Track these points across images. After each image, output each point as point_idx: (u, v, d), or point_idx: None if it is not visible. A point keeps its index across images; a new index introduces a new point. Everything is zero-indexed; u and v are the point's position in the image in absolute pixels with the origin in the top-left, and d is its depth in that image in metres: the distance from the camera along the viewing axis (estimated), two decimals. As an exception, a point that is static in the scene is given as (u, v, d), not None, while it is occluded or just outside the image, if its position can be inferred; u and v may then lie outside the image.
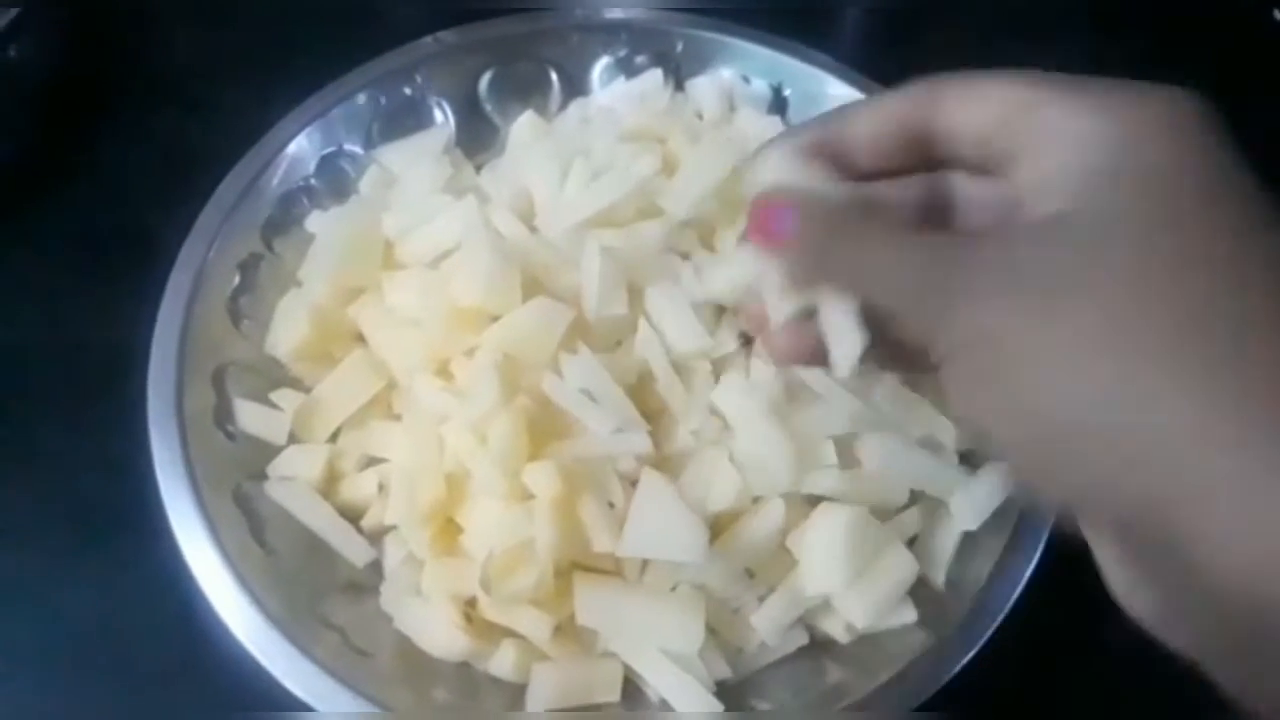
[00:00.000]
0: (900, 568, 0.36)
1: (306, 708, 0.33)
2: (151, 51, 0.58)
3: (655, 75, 0.48)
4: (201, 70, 0.57)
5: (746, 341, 0.40)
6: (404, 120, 0.47)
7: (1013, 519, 0.37)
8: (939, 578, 0.37)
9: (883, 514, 0.37)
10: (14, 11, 0.50)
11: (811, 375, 0.38)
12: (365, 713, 0.33)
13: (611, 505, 0.35)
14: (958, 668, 0.35)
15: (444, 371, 0.38)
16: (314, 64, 0.48)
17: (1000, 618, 0.36)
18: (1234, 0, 0.64)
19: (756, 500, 0.36)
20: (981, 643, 0.35)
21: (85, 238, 0.50)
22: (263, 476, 0.39)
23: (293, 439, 0.39)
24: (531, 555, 0.34)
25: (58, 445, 0.44)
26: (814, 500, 0.37)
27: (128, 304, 0.41)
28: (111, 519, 0.41)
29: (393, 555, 0.38)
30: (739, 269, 0.29)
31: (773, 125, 0.46)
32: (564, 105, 0.49)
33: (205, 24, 0.59)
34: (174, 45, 0.59)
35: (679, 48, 0.49)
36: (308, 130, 0.45)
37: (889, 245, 0.23)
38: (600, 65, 0.49)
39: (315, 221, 0.44)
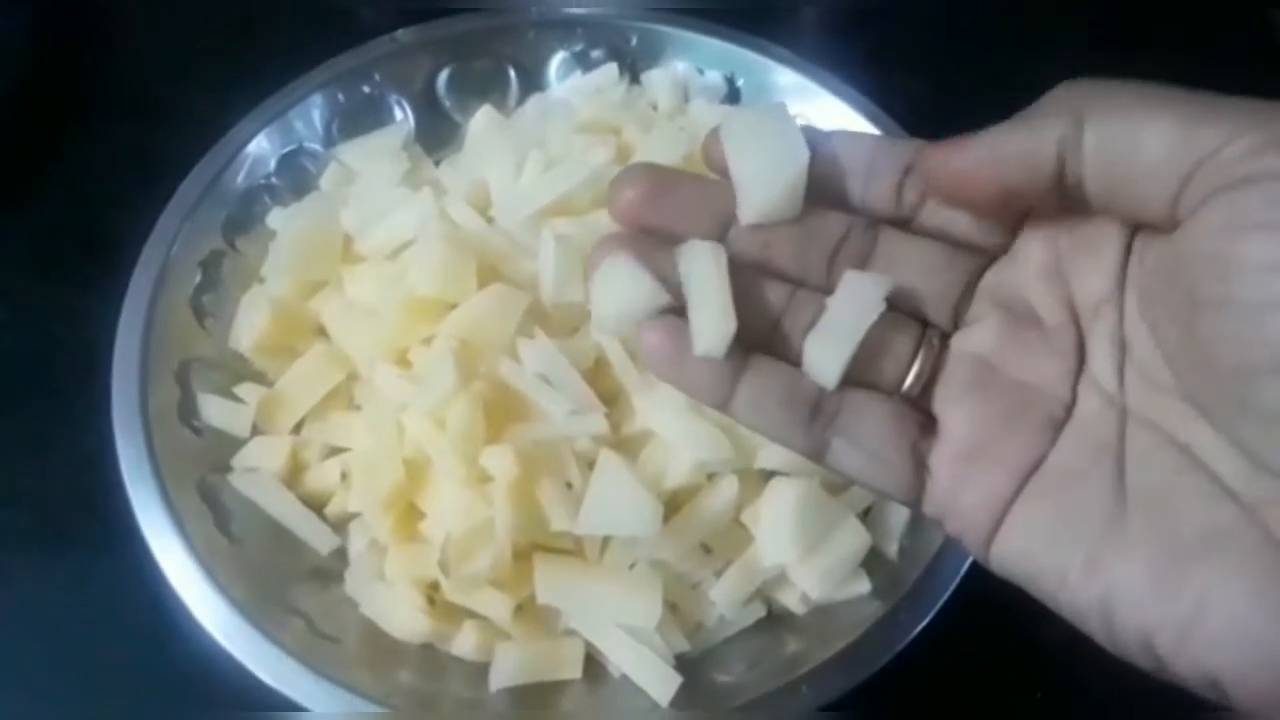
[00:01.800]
0: (853, 540, 0.36)
1: (276, 695, 0.33)
2: (116, 55, 0.59)
3: (610, 69, 0.49)
4: (165, 73, 0.57)
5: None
6: (363, 118, 0.48)
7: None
8: (892, 548, 0.38)
9: (835, 487, 0.38)
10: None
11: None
12: (357, 713, 0.33)
13: (569, 485, 0.36)
14: (911, 636, 0.35)
15: (403, 360, 0.39)
16: (277, 65, 0.49)
17: (953, 586, 0.36)
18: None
19: (711, 477, 0.37)
20: (935, 611, 0.36)
21: (51, 240, 0.51)
22: (227, 469, 0.39)
23: (256, 431, 0.40)
24: (490, 536, 0.34)
25: (27, 443, 0.44)
26: (768, 475, 0.37)
27: (94, 304, 0.41)
28: (81, 515, 0.41)
29: (357, 542, 0.39)
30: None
31: (725, 114, 0.47)
32: (522, 100, 0.50)
33: (169, 28, 0.59)
34: (138, 49, 0.59)
35: (634, 41, 0.50)
36: (268, 129, 0.46)
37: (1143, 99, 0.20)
38: (557, 60, 0.50)
39: (276, 218, 0.44)
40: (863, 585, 0.37)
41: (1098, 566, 0.20)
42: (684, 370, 0.24)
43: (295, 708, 0.33)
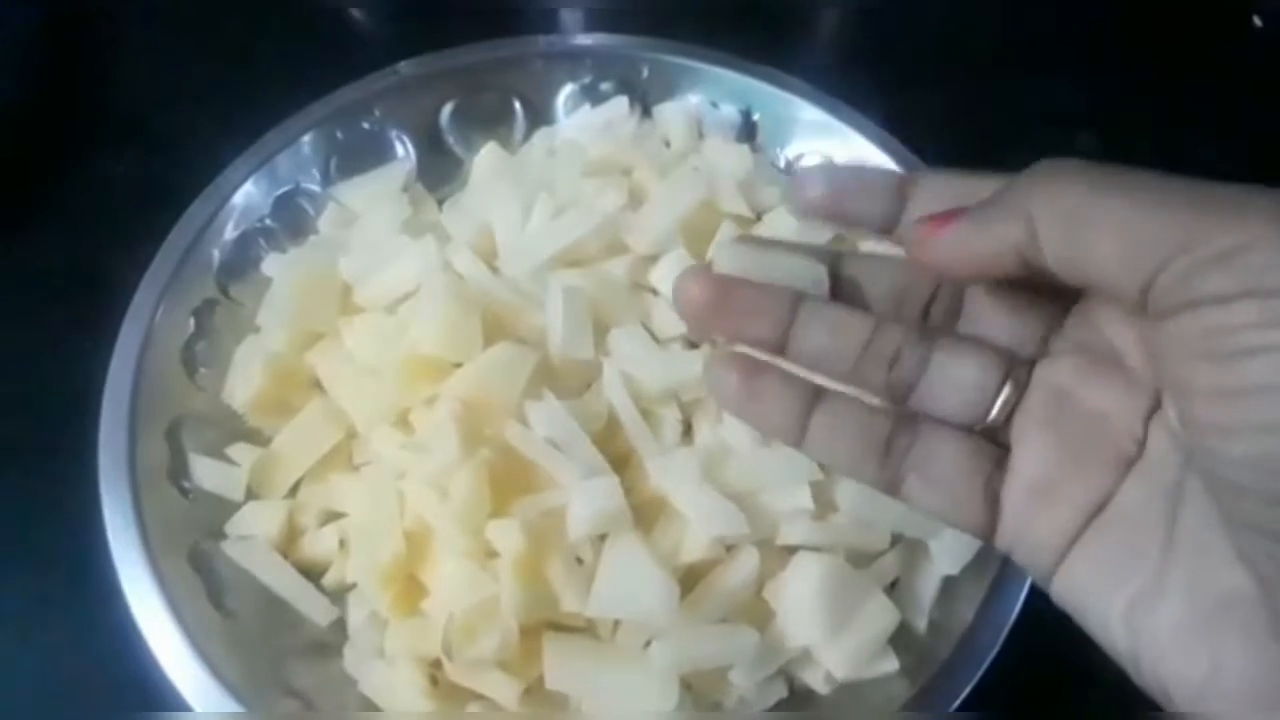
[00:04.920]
0: (881, 616, 0.34)
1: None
2: (112, 84, 0.57)
3: (620, 103, 0.47)
4: (163, 104, 0.55)
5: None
6: (363, 155, 0.46)
7: (998, 558, 0.36)
8: (921, 623, 0.36)
9: (862, 559, 0.36)
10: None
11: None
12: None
13: (580, 561, 0.34)
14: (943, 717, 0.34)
15: (404, 422, 0.37)
16: (277, 94, 0.46)
17: (986, 663, 0.34)
18: (1214, 6, 0.63)
19: (730, 550, 0.35)
20: (967, 690, 0.34)
21: (40, 281, 0.49)
22: (220, 535, 0.38)
23: (251, 494, 0.38)
24: (496, 616, 0.33)
25: (10, 499, 0.42)
26: (791, 547, 0.35)
27: (84, 346, 0.40)
28: (66, 579, 0.39)
29: (356, 613, 0.37)
30: None
31: (741, 153, 0.45)
32: (528, 135, 0.48)
33: (168, 56, 0.57)
34: (134, 79, 0.57)
35: (644, 74, 0.48)
36: (263, 169, 0.44)
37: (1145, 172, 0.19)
38: (564, 93, 0.48)
39: (272, 265, 0.42)
40: (890, 663, 0.35)
41: (1133, 617, 0.21)
42: (756, 407, 0.25)
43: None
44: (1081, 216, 0.19)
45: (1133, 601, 0.21)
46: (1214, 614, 0.20)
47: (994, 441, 0.24)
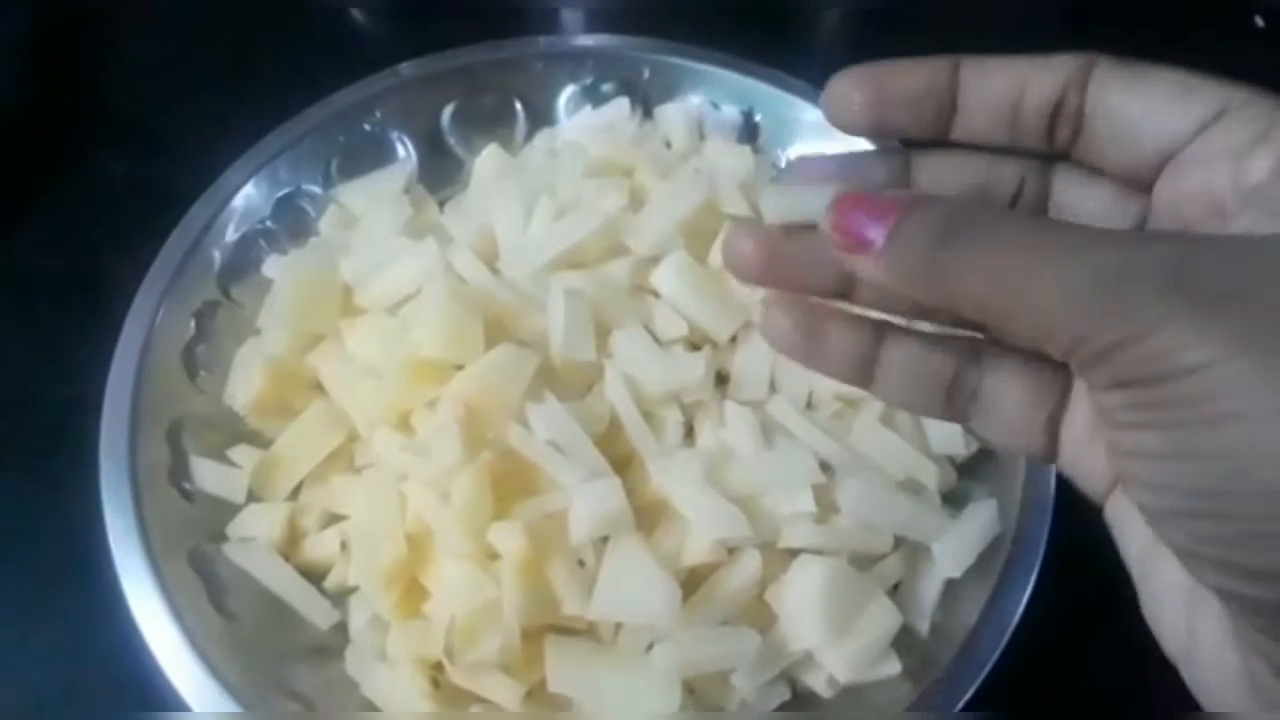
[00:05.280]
0: (883, 619, 0.34)
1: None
2: (112, 86, 0.57)
3: (622, 104, 0.47)
4: (163, 105, 0.55)
5: (720, 381, 0.39)
6: (364, 157, 0.46)
7: (1000, 561, 0.36)
8: (923, 626, 0.36)
9: (864, 562, 0.36)
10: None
11: (787, 417, 0.37)
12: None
13: (582, 564, 0.34)
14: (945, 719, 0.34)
15: (405, 424, 0.37)
16: (278, 97, 0.46)
17: (988, 666, 0.34)
18: (1214, 6, 0.63)
19: (732, 552, 0.35)
20: (969, 694, 0.34)
21: (40, 282, 0.49)
22: (221, 537, 0.37)
23: (252, 496, 0.38)
24: (497, 618, 0.33)
25: (10, 503, 0.42)
26: (793, 550, 0.35)
27: (85, 354, 0.40)
28: (66, 582, 0.39)
29: (358, 616, 0.37)
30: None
31: (743, 154, 0.45)
32: (530, 136, 0.48)
33: (168, 57, 0.57)
34: (134, 79, 0.57)
35: (646, 75, 0.48)
36: (264, 171, 0.44)
37: (1047, 241, 0.18)
38: (566, 94, 0.48)
39: (272, 266, 0.42)
40: (893, 666, 0.35)
41: (1142, 564, 0.21)
42: (817, 354, 0.24)
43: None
44: (998, 308, 0.19)
45: (1144, 551, 0.21)
46: (1193, 589, 0.20)
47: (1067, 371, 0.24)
